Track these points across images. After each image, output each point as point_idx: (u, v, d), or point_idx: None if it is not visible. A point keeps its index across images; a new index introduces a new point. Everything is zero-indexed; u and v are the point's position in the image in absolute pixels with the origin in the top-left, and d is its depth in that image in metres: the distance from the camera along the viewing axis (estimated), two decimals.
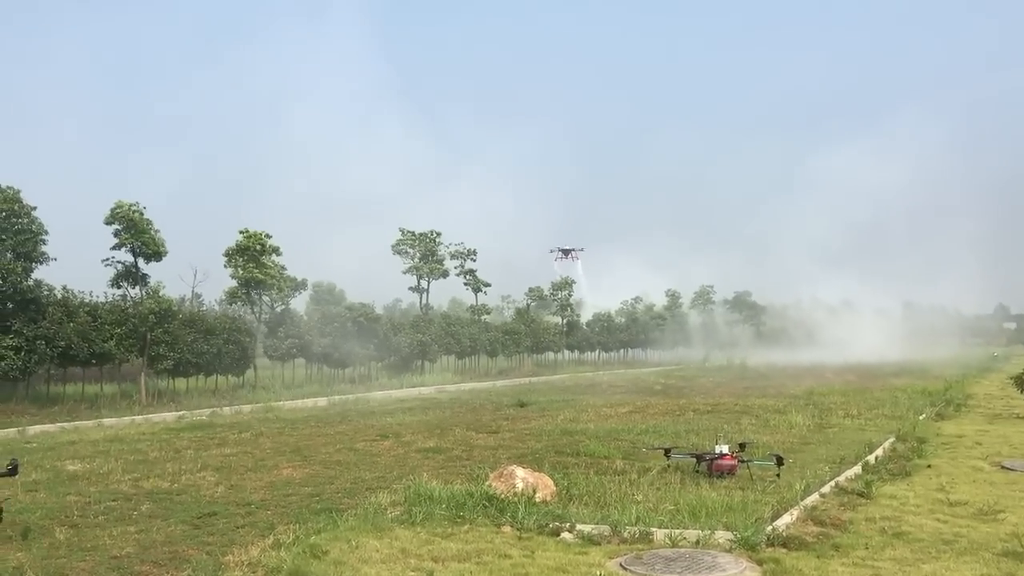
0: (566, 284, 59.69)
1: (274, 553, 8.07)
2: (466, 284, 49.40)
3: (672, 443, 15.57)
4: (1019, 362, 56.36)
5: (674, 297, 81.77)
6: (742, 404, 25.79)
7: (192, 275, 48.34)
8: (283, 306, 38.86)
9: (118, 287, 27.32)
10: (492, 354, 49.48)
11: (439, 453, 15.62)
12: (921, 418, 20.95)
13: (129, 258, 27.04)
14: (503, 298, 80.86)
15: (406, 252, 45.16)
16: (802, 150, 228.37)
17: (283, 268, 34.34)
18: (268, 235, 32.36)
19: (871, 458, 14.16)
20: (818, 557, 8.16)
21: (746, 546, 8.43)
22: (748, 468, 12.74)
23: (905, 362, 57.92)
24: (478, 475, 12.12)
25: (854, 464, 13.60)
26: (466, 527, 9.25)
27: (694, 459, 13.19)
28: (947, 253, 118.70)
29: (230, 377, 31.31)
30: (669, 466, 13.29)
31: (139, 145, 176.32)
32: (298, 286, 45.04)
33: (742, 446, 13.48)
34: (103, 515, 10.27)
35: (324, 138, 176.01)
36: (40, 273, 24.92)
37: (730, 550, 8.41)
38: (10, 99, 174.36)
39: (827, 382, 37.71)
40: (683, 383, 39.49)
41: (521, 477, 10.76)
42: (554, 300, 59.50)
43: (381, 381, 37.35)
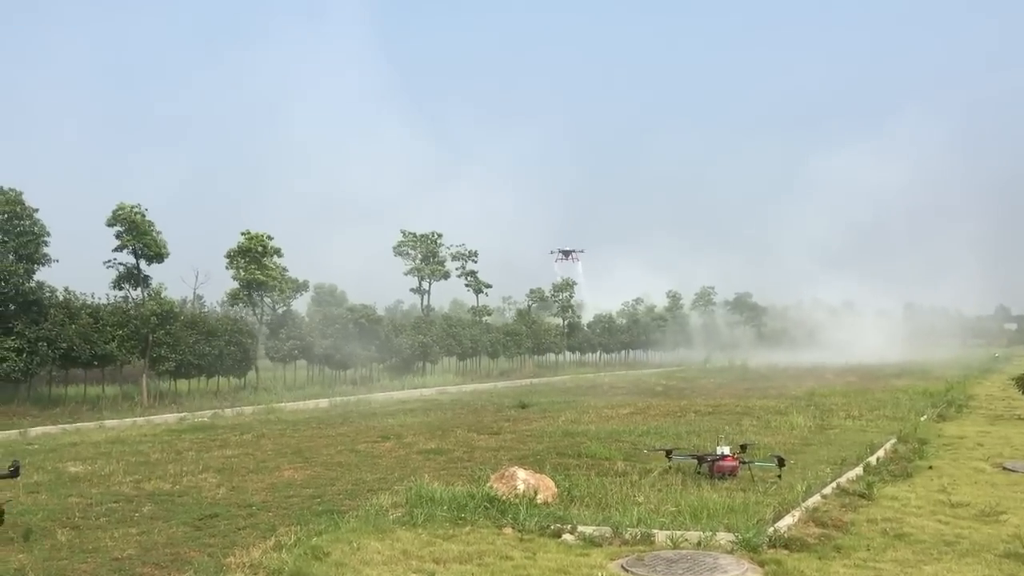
0: (567, 285, 59.69)
1: (275, 555, 8.08)
2: (467, 285, 49.49)
3: (673, 444, 15.56)
4: (1020, 363, 56.37)
5: (675, 298, 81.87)
6: (743, 405, 25.78)
7: (194, 277, 48.36)
8: (284, 308, 38.83)
9: (120, 289, 27.41)
10: (493, 355, 49.51)
11: (440, 454, 15.62)
12: (922, 419, 20.92)
13: (131, 260, 27.16)
14: (504, 299, 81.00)
15: (407, 253, 45.25)
16: (803, 150, 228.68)
17: (284, 269, 34.37)
18: (270, 237, 32.45)
19: (872, 459, 14.15)
20: (820, 558, 8.16)
21: (748, 547, 8.43)
22: (749, 469, 12.74)
23: (906, 363, 57.92)
24: (479, 477, 12.12)
25: (855, 465, 13.58)
26: (467, 529, 9.25)
27: (695, 460, 13.19)
28: (948, 254, 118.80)
29: (232, 379, 31.36)
30: (670, 467, 13.29)
31: (140, 146, 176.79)
32: (299, 287, 44.99)
33: (743, 447, 13.48)
34: (105, 517, 10.28)
35: (325, 139, 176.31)
36: (42, 275, 25.04)
37: (732, 551, 8.41)
38: (11, 100, 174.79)
39: (828, 383, 37.70)
40: (684, 384, 39.49)
41: (522, 479, 10.76)
42: (555, 301, 59.49)
43: (382, 382, 37.39)
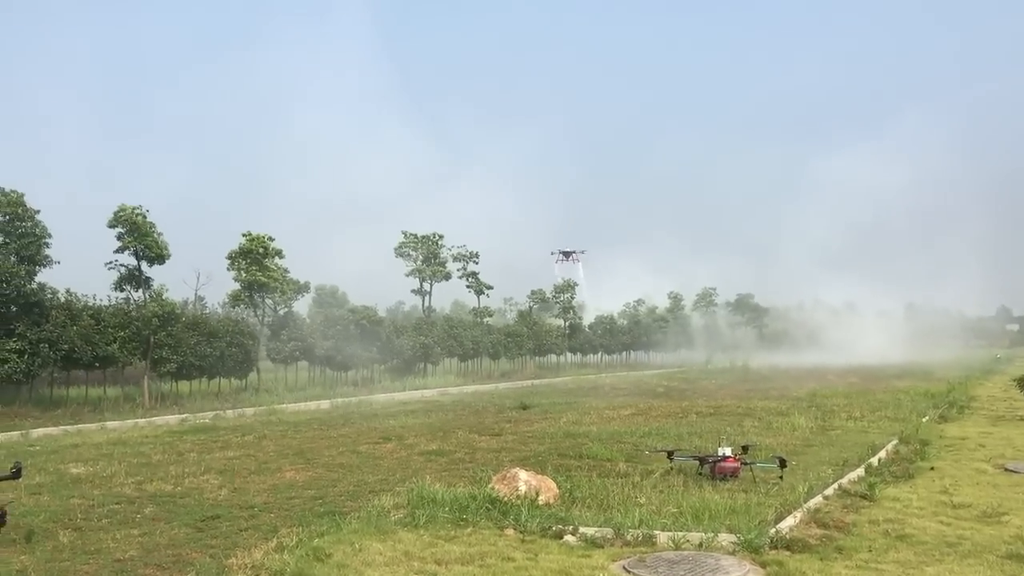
0: (568, 287, 59.65)
1: (277, 556, 8.09)
2: (468, 287, 49.48)
3: (675, 445, 15.55)
4: (1022, 364, 56.36)
5: (676, 299, 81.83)
6: (745, 406, 25.77)
7: (195, 278, 48.48)
8: (286, 309, 38.86)
9: (121, 290, 27.45)
10: (494, 356, 49.50)
11: (442, 456, 15.63)
12: (924, 420, 20.91)
13: (132, 261, 27.18)
14: (505, 300, 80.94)
15: (409, 255, 45.28)
16: (804, 151, 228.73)
17: (286, 271, 34.37)
18: (271, 238, 32.44)
19: (874, 460, 14.14)
20: (821, 559, 8.16)
21: (749, 549, 8.43)
22: (751, 470, 12.74)
23: (908, 364, 57.90)
24: (481, 478, 12.12)
25: (857, 466, 13.58)
26: (469, 530, 9.25)
27: (697, 462, 13.19)
28: (949, 255, 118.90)
29: (233, 380, 31.37)
30: (672, 469, 13.29)
31: (142, 148, 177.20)
32: (301, 289, 45.01)
33: (745, 448, 13.48)
34: (106, 518, 10.29)
35: (326, 140, 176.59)
36: (43, 276, 25.06)
37: (733, 553, 8.41)
38: (12, 101, 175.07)
39: (830, 384, 37.67)
40: (685, 385, 39.47)
41: (524, 480, 10.77)
42: (556, 302, 59.48)
43: (384, 384, 37.40)
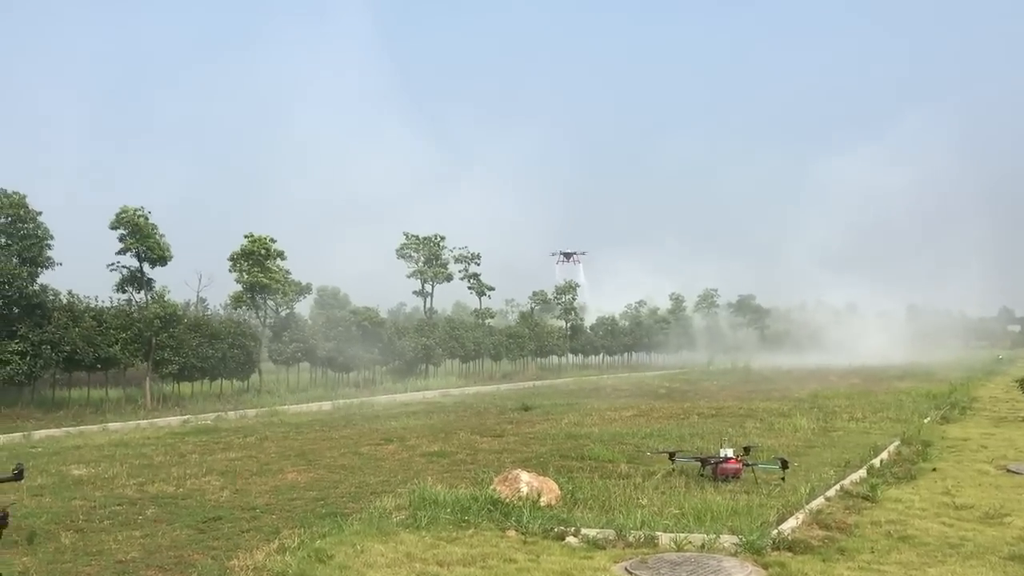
0: (570, 288, 59.64)
1: (279, 557, 8.09)
2: (470, 288, 49.47)
3: (677, 447, 15.54)
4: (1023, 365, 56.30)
5: (678, 300, 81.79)
6: (746, 407, 25.75)
7: (197, 280, 48.28)
8: (288, 310, 38.87)
9: (123, 292, 27.47)
10: (496, 358, 49.48)
11: (443, 457, 15.62)
12: (926, 421, 20.89)
13: (134, 263, 27.19)
14: (507, 302, 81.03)
15: (410, 256, 45.28)
16: (806, 153, 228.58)
17: (288, 272, 34.37)
18: (273, 239, 32.44)
19: (876, 461, 14.13)
20: (823, 561, 8.15)
21: (751, 550, 8.42)
22: (753, 472, 12.73)
23: (909, 365, 57.83)
24: (483, 479, 12.13)
25: (859, 468, 13.56)
26: (471, 531, 9.24)
27: (699, 463, 13.18)
28: (951, 256, 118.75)
29: (235, 381, 31.38)
30: (674, 470, 13.28)
31: (143, 149, 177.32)
32: (303, 290, 44.97)
33: (747, 450, 13.46)
34: (108, 520, 10.29)
35: (327, 141, 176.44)
36: (45, 278, 25.04)
37: (735, 554, 8.41)
38: (14, 102, 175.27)
39: (831, 385, 37.63)
40: (687, 387, 39.45)
41: (526, 481, 10.76)
42: (558, 304, 59.47)
43: (385, 385, 37.41)
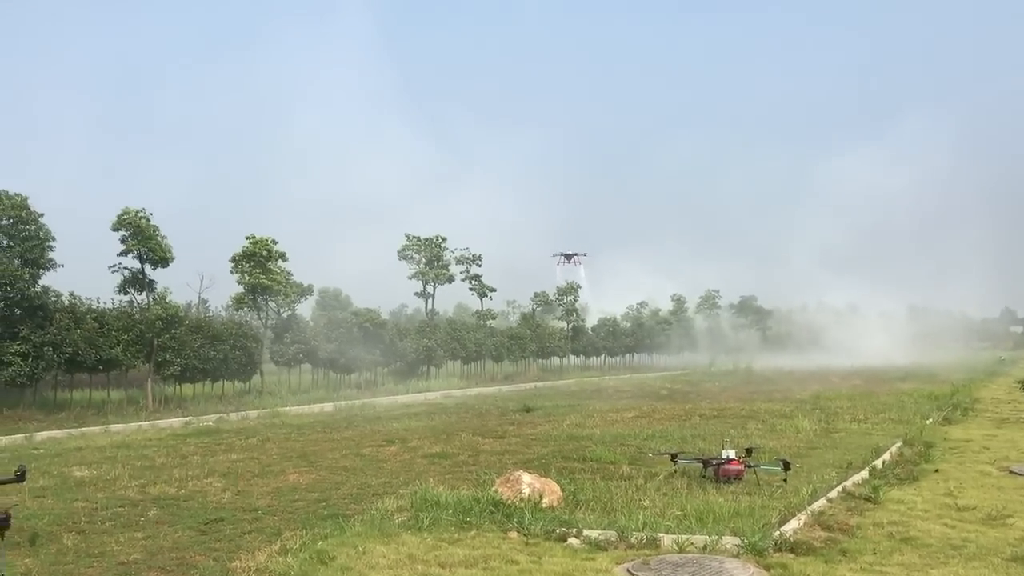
0: (571, 289, 59.63)
1: (281, 559, 8.09)
2: (472, 289, 49.46)
3: (678, 448, 15.54)
4: None
5: (679, 302, 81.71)
6: (748, 409, 25.74)
7: (199, 281, 48.37)
8: (289, 312, 38.96)
9: (125, 293, 27.49)
10: (498, 359, 49.48)
11: (445, 458, 15.62)
12: (928, 422, 20.87)
13: (136, 264, 27.21)
14: (508, 303, 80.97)
15: (412, 257, 45.30)
16: (808, 154, 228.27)
17: (289, 274, 34.42)
18: (274, 241, 32.47)
19: (878, 463, 14.11)
20: (826, 562, 8.14)
21: (753, 551, 8.41)
22: (755, 473, 12.72)
23: (911, 366, 57.77)
24: (484, 481, 12.13)
25: (861, 469, 13.54)
26: (473, 533, 9.24)
27: (701, 464, 13.18)
28: (953, 257, 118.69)
29: (236, 383, 31.39)
30: (676, 471, 13.28)
31: (145, 150, 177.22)
32: (304, 292, 45.10)
33: (749, 451, 13.46)
34: (110, 521, 10.29)
35: (328, 141, 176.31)
36: (47, 279, 25.08)
37: (737, 555, 8.40)
38: (15, 104, 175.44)
39: (833, 386, 37.61)
40: (689, 388, 39.43)
41: (527, 483, 10.75)
42: (559, 305, 59.46)
43: (387, 386, 37.41)
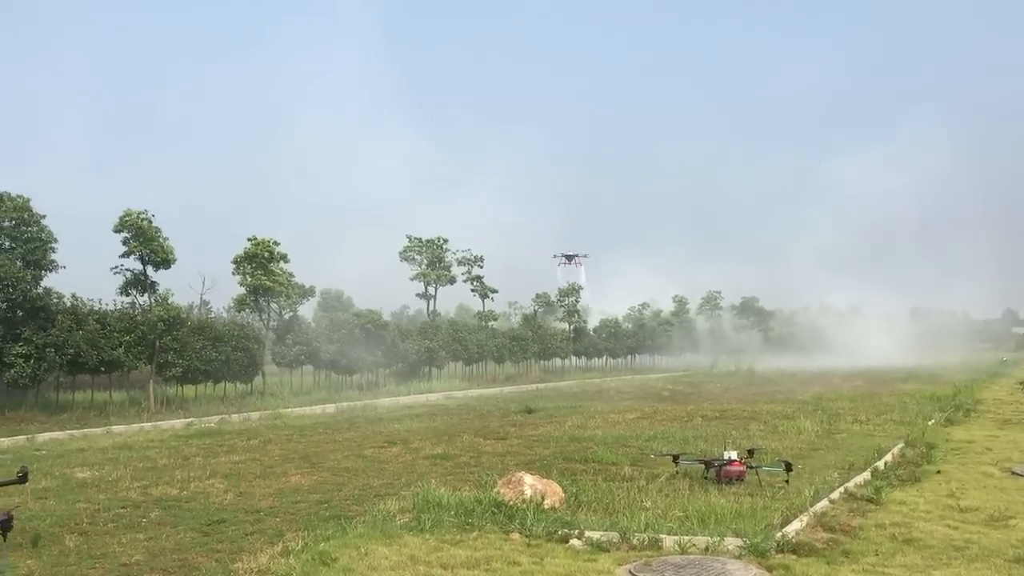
0: (573, 290, 59.61)
1: (283, 560, 8.09)
2: (473, 290, 49.47)
3: (680, 449, 15.55)
4: None
5: (681, 303, 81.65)
6: (750, 410, 25.72)
7: (200, 282, 48.44)
8: (291, 313, 39.00)
9: (127, 295, 27.48)
10: (499, 360, 49.48)
11: (447, 460, 15.61)
12: (930, 423, 20.85)
13: (138, 266, 27.22)
14: (510, 304, 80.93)
15: (413, 259, 45.34)
16: (811, 155, 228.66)
17: (291, 275, 34.40)
18: (276, 242, 32.48)
19: (880, 464, 14.10)
20: (828, 563, 8.14)
21: (756, 552, 8.41)
22: (757, 474, 12.71)
23: (914, 367, 57.70)
24: (486, 482, 12.12)
25: (863, 470, 13.54)
26: (475, 534, 9.24)
27: (703, 465, 13.17)
28: (955, 258, 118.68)
29: (238, 384, 31.39)
30: (678, 472, 13.27)
31: (147, 152, 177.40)
32: (306, 293, 45.12)
33: (751, 452, 13.46)
34: (112, 522, 10.30)
35: (330, 142, 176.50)
36: (49, 281, 25.13)
37: (740, 556, 8.39)
38: (17, 105, 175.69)
39: (835, 387, 37.58)
40: (691, 389, 39.40)
41: (529, 484, 10.75)
42: (561, 306, 59.44)
43: (389, 387, 37.42)
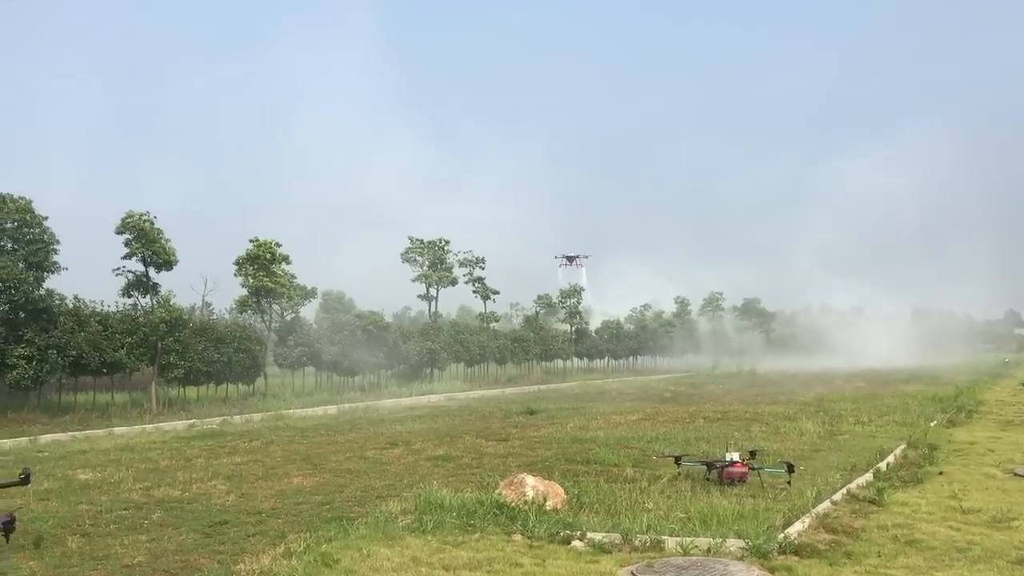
0: (575, 291, 59.61)
1: (285, 562, 8.09)
2: (475, 292, 49.46)
3: (682, 451, 15.55)
4: None
5: (683, 304, 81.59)
6: (752, 411, 25.70)
7: (202, 284, 48.45)
8: (293, 314, 38.90)
9: (129, 296, 27.56)
10: (501, 362, 49.48)
11: (449, 461, 15.62)
12: (932, 425, 20.83)
13: (140, 267, 27.30)
14: (512, 306, 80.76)
15: (415, 260, 45.38)
16: (813, 156, 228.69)
17: (293, 277, 34.45)
18: (278, 244, 32.54)
19: (882, 465, 14.09)
20: (830, 565, 8.14)
21: (758, 554, 8.40)
22: (759, 475, 12.70)
23: (916, 368, 57.64)
24: (488, 483, 12.12)
25: (865, 471, 13.53)
26: (477, 535, 9.24)
27: (705, 467, 13.17)
28: (957, 258, 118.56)
29: (240, 385, 31.43)
30: (680, 474, 13.27)
31: (149, 154, 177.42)
32: (308, 294, 44.93)
33: (753, 453, 13.45)
34: (114, 524, 10.31)
35: (331, 144, 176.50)
36: (51, 283, 25.20)
37: (742, 558, 8.38)
38: (18, 106, 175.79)
39: (837, 389, 37.55)
40: (692, 390, 39.37)
41: (531, 485, 10.75)
42: (563, 307, 59.43)
43: (391, 389, 37.43)
